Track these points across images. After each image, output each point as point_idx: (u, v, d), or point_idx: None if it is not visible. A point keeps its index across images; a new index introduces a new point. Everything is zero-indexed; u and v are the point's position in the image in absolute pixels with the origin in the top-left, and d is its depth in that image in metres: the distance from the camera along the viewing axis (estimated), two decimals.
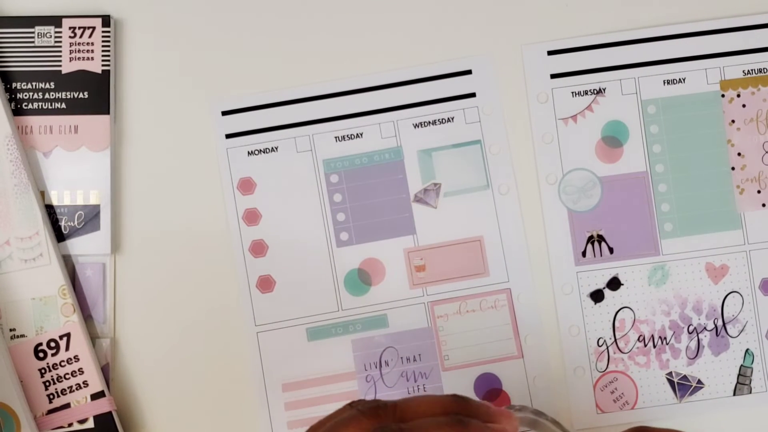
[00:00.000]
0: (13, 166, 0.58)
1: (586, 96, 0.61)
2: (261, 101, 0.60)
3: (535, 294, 0.60)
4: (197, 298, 0.60)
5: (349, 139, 0.60)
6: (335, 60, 0.61)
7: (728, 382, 0.60)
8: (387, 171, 0.60)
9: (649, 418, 0.60)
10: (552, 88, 0.61)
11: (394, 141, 0.60)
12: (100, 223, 0.60)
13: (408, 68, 0.60)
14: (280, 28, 0.61)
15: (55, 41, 0.60)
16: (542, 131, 0.61)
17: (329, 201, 0.60)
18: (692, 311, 0.60)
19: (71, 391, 0.59)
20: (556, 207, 0.60)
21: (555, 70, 0.61)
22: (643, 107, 0.61)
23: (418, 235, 0.60)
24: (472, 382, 0.60)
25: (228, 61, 0.61)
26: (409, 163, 0.60)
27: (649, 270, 0.60)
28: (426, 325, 0.60)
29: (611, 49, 0.61)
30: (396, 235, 0.60)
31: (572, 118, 0.61)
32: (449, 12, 0.61)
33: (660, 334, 0.60)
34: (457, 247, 0.60)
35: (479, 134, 0.60)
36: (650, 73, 0.61)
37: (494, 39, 0.61)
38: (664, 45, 0.61)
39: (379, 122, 0.60)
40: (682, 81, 0.61)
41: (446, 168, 0.60)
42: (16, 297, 0.58)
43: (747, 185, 0.61)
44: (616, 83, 0.61)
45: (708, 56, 0.61)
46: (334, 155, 0.60)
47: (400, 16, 0.61)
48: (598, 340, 0.60)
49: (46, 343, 0.58)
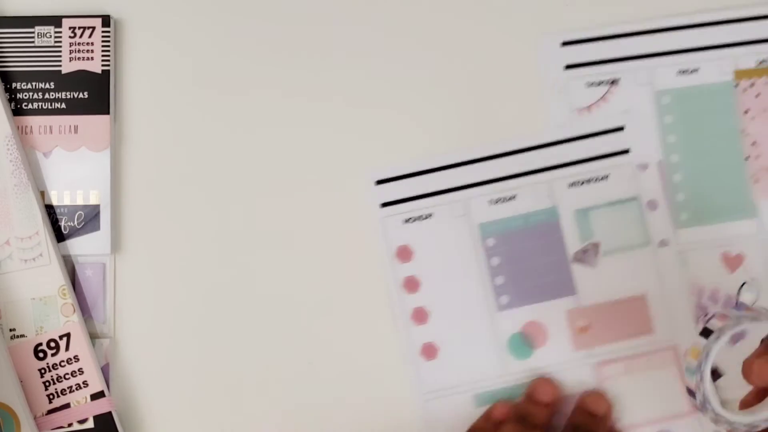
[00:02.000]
0: (13, 166, 0.59)
1: (600, 86, 0.60)
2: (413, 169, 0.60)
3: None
4: (198, 297, 0.60)
5: (504, 201, 0.60)
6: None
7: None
8: (544, 232, 0.60)
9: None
10: (566, 79, 0.60)
11: (550, 201, 0.59)
12: (100, 223, 0.60)
13: (551, 129, 0.60)
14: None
15: (55, 41, 0.60)
16: (558, 122, 0.60)
17: (487, 265, 0.60)
18: (708, 300, 0.59)
19: (71, 391, 0.58)
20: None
21: (569, 61, 0.60)
22: (657, 98, 0.60)
23: (580, 295, 0.59)
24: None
25: (229, 61, 0.61)
26: (566, 223, 0.59)
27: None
28: (594, 387, 0.59)
29: (625, 39, 0.60)
30: (557, 296, 0.59)
31: (587, 108, 0.60)
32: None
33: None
34: (620, 305, 0.59)
35: (636, 190, 0.59)
36: (664, 63, 0.60)
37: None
38: (678, 35, 0.60)
39: (533, 183, 0.59)
40: (696, 71, 0.59)
41: (604, 226, 0.59)
42: (16, 297, 0.58)
43: (762, 174, 0.59)
44: (631, 74, 0.60)
45: (722, 46, 0.60)
46: (489, 219, 0.60)
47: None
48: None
49: (46, 343, 0.58)
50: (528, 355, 0.59)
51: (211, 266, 0.60)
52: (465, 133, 0.60)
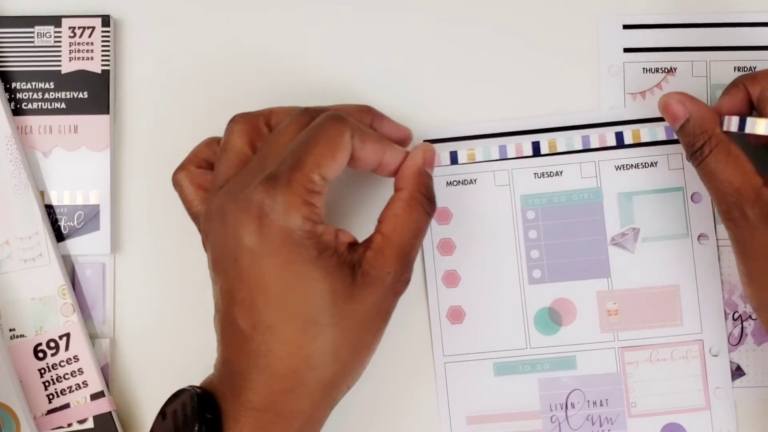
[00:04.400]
0: (13, 166, 0.59)
1: (656, 74, 0.60)
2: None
3: (727, 347, 0.59)
4: (198, 297, 0.60)
5: (549, 176, 0.60)
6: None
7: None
8: (585, 211, 0.59)
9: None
10: (624, 62, 0.60)
11: (595, 182, 0.59)
12: (99, 223, 0.60)
13: (603, 110, 0.60)
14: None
15: (54, 41, 0.60)
16: (611, 103, 0.60)
17: (524, 237, 0.59)
18: (738, 298, 0.59)
19: (71, 392, 0.58)
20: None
21: (628, 45, 0.60)
22: (712, 91, 0.60)
23: (613, 278, 0.59)
24: (658, 431, 0.59)
25: (229, 61, 0.61)
26: (608, 205, 0.59)
27: None
28: (615, 371, 0.59)
29: (686, 30, 0.60)
30: (590, 276, 0.59)
31: (641, 93, 0.60)
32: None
33: None
34: (652, 294, 0.59)
35: (682, 181, 0.59)
36: (722, 58, 0.60)
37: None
38: (738, 32, 0.60)
39: (580, 161, 0.59)
40: (752, 69, 0.59)
41: (646, 213, 0.59)
42: (15, 297, 0.58)
43: None
44: (688, 64, 0.60)
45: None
46: (532, 191, 0.60)
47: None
48: None
49: (45, 343, 0.58)
50: (554, 331, 0.59)
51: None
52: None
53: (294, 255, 0.48)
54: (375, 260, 0.51)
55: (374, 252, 0.51)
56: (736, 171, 0.52)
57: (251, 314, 0.49)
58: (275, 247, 0.48)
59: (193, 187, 0.54)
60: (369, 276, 0.50)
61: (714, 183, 0.53)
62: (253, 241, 0.48)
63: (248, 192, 0.49)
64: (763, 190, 0.51)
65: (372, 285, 0.50)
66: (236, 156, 0.52)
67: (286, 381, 0.49)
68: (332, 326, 0.49)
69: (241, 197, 0.49)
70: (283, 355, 0.49)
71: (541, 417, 0.59)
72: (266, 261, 0.48)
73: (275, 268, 0.48)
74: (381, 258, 0.51)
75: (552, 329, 0.59)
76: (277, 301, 0.49)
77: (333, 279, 0.49)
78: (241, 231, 0.48)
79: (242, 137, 0.53)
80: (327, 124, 0.50)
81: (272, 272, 0.48)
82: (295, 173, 0.48)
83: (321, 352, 0.49)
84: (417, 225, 0.52)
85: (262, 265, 0.48)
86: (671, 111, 0.55)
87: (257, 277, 0.49)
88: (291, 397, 0.49)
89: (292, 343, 0.49)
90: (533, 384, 0.59)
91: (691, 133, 0.54)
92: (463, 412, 0.59)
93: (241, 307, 0.49)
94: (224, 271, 0.50)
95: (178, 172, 0.55)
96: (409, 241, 0.52)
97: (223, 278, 0.50)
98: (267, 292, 0.49)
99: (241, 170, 0.51)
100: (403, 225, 0.52)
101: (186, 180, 0.55)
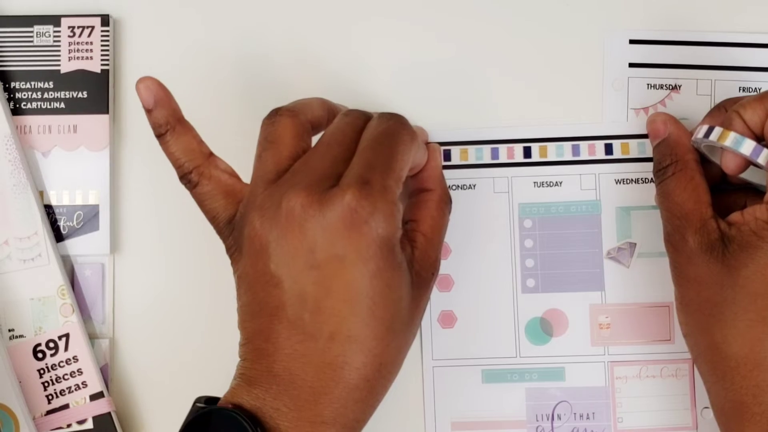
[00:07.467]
0: (12, 166, 0.58)
1: (660, 90, 0.60)
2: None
3: None
4: (197, 297, 0.60)
5: (548, 186, 0.60)
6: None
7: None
8: (582, 223, 0.59)
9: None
10: (628, 77, 0.60)
11: (594, 194, 0.59)
12: (99, 223, 0.59)
13: (605, 123, 0.60)
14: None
15: (53, 41, 0.60)
16: (613, 117, 0.60)
17: (520, 246, 0.59)
18: None
19: (70, 392, 0.58)
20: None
21: (634, 59, 0.60)
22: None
23: (606, 292, 0.59)
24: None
25: (229, 62, 0.60)
26: (606, 218, 0.59)
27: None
28: (603, 384, 0.59)
29: (692, 47, 0.60)
30: (583, 289, 0.59)
31: (644, 109, 0.60)
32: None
33: None
34: (644, 309, 0.59)
35: None
36: (727, 77, 0.60)
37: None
38: (744, 52, 0.60)
39: (580, 173, 0.60)
40: (757, 90, 0.59)
41: (643, 228, 0.59)
42: (14, 297, 0.58)
43: None
44: (693, 82, 0.60)
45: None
46: (531, 200, 0.60)
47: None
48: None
49: (44, 344, 0.58)
50: (544, 341, 0.59)
51: (211, 266, 0.60)
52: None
53: (385, 262, 0.47)
54: (423, 261, 0.51)
55: (420, 253, 0.51)
56: (691, 197, 0.52)
57: (330, 324, 0.46)
58: (370, 255, 0.46)
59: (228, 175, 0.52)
60: (421, 278, 0.50)
61: (666, 204, 0.53)
62: (344, 248, 0.46)
63: (334, 195, 0.46)
64: (710, 222, 0.51)
65: (424, 287, 0.51)
66: (287, 150, 0.50)
67: (359, 392, 0.47)
68: (403, 332, 0.49)
69: (325, 199, 0.46)
70: (360, 365, 0.47)
71: (526, 427, 0.59)
72: (358, 269, 0.46)
73: (368, 277, 0.46)
74: (427, 259, 0.51)
75: (543, 339, 0.59)
76: (364, 311, 0.46)
77: (409, 284, 0.49)
78: (331, 236, 0.46)
79: (291, 131, 0.50)
80: (400, 129, 0.49)
81: (364, 281, 0.46)
82: (387, 179, 0.47)
83: (392, 360, 0.49)
84: (446, 227, 0.54)
85: (353, 273, 0.46)
86: (653, 127, 0.56)
87: (346, 286, 0.46)
88: (360, 408, 0.48)
89: (369, 352, 0.47)
90: (520, 393, 0.59)
91: (663, 152, 0.55)
92: (449, 417, 0.59)
93: (316, 316, 0.46)
94: (291, 276, 0.47)
95: (284, 116, 0.51)
96: (442, 243, 0.53)
97: (289, 283, 0.47)
98: (354, 301, 0.46)
99: (295, 166, 0.49)
100: (439, 227, 0.53)
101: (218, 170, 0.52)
